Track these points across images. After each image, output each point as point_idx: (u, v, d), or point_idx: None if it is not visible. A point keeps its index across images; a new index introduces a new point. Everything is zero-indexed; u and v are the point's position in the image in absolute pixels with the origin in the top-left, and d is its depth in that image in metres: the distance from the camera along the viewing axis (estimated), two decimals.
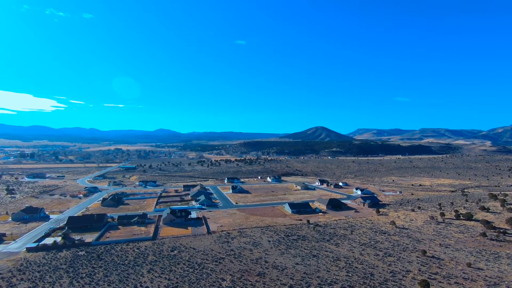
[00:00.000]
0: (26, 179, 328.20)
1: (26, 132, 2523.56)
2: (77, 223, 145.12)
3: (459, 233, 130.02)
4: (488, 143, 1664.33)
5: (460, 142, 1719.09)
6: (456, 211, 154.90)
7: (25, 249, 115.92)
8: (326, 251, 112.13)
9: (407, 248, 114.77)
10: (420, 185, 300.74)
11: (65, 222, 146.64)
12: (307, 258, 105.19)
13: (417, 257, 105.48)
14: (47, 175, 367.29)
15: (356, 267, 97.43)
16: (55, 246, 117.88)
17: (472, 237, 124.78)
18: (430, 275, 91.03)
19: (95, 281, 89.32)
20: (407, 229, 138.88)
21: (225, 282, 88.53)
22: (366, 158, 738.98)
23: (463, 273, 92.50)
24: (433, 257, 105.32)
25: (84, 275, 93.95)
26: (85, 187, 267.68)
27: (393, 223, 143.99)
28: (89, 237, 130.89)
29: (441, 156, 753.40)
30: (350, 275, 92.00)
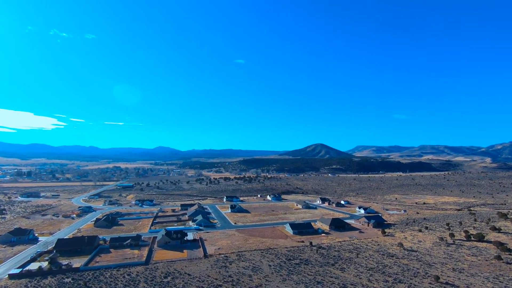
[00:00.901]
0: (20, 199, 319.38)
1: (25, 150, 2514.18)
2: (66, 246, 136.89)
3: (472, 256, 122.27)
4: (488, 159, 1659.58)
5: (460, 158, 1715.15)
6: (466, 231, 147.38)
7: (7, 276, 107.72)
8: (331, 277, 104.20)
9: (418, 273, 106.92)
10: (424, 203, 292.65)
11: (53, 245, 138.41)
12: (311, 286, 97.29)
13: (430, 283, 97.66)
14: (42, 194, 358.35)
15: None
16: (39, 272, 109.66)
17: (486, 260, 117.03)
18: None
19: None
20: (416, 251, 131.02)
21: None
22: (367, 175, 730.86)
23: None
24: (447, 283, 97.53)
25: None
26: (79, 207, 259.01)
27: (400, 245, 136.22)
28: (78, 262, 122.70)
29: (442, 173, 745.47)
30: None
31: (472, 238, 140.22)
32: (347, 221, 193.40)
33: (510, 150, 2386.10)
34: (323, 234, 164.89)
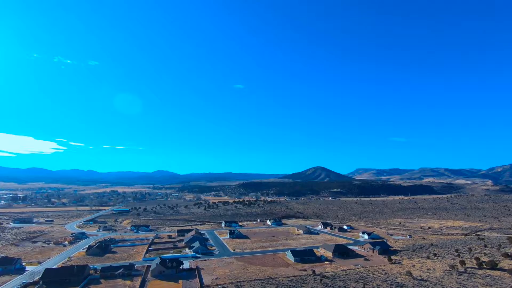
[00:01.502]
0: (12, 225, 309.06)
1: (23, 174, 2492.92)
2: (54, 277, 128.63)
3: (487, 285, 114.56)
4: (489, 182, 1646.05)
5: (461, 181, 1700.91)
6: (477, 258, 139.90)
7: None
8: None
9: None
10: (429, 227, 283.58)
11: (40, 276, 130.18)
12: None
13: None
14: (35, 219, 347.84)
15: None
16: None
17: None
18: None
19: None
20: (425, 280, 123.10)
21: None
22: (369, 198, 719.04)
23: None
24: None
25: None
26: (72, 233, 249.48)
27: (409, 273, 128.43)
28: None
29: (445, 196, 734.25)
30: None
31: (485, 266, 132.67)
32: (351, 247, 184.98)
33: (511, 172, 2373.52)
34: (326, 262, 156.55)
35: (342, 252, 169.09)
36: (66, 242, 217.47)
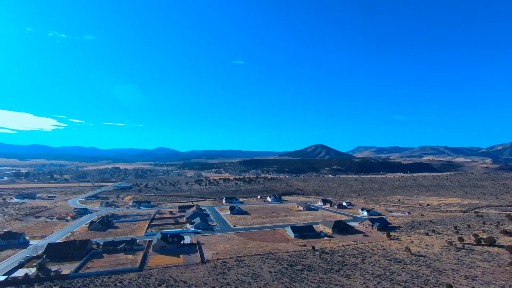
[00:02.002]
0: (15, 200, 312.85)
1: (25, 151, 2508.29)
2: (57, 251, 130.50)
3: (484, 261, 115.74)
4: (489, 160, 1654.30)
5: (461, 159, 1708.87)
6: (475, 235, 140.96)
7: None
8: (336, 285, 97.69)
9: (428, 280, 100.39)
10: (428, 204, 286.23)
11: (43, 250, 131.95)
12: None
13: None
14: (38, 195, 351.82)
15: None
16: (26, 279, 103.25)
17: (500, 266, 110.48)
18: None
19: None
20: (424, 256, 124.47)
21: None
22: (369, 176, 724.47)
23: None
24: None
25: None
26: (75, 209, 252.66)
27: (407, 249, 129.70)
28: (68, 267, 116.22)
29: (444, 174, 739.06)
30: None
31: (483, 242, 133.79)
32: (350, 223, 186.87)
33: (511, 151, 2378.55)
34: (325, 238, 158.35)
35: (341, 228, 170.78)
36: (69, 217, 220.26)
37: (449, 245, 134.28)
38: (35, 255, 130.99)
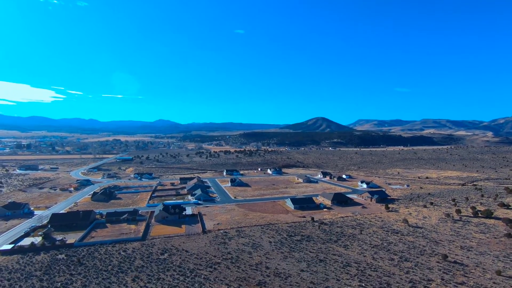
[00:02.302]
0: (18, 171, 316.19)
1: (25, 123, 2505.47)
2: (61, 221, 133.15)
3: (480, 233, 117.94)
4: (490, 134, 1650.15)
5: (462, 133, 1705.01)
6: (473, 207, 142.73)
7: None
8: (334, 255, 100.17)
9: (424, 251, 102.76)
10: (427, 177, 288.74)
11: (48, 220, 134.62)
12: (313, 264, 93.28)
13: (438, 262, 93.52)
14: (40, 166, 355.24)
15: (369, 275, 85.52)
16: (32, 248, 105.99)
17: (495, 238, 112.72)
18: (455, 286, 79.15)
19: None
20: (421, 228, 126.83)
21: None
22: (369, 149, 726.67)
23: (494, 283, 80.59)
24: (455, 262, 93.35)
25: (59, 284, 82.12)
26: (77, 180, 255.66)
27: (405, 221, 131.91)
28: (73, 237, 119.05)
29: (445, 147, 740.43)
30: (363, 285, 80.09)
31: (480, 215, 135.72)
32: (350, 196, 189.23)
33: None
34: (325, 210, 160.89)
35: (340, 200, 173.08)
36: (72, 189, 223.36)
37: (446, 217, 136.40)
38: (40, 224, 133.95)
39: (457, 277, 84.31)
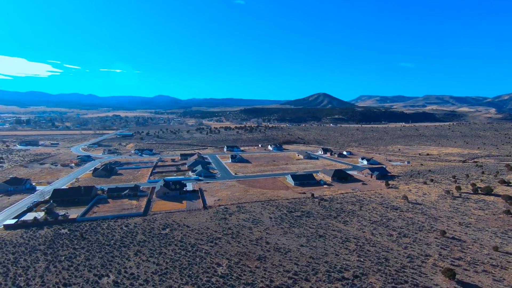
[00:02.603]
0: (18, 147, 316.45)
1: (23, 98, 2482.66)
2: (63, 196, 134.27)
3: (479, 210, 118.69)
4: (493, 110, 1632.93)
5: (465, 109, 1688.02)
6: (473, 184, 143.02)
7: (2, 226, 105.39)
8: (334, 231, 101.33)
9: (423, 227, 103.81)
10: (428, 154, 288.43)
11: (50, 195, 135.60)
12: (313, 239, 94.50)
13: (436, 238, 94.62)
14: (41, 142, 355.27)
15: (368, 250, 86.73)
16: (35, 223, 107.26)
17: (494, 214, 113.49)
18: (453, 261, 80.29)
19: (74, 266, 78.95)
20: (420, 204, 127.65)
21: (221, 268, 78.09)
22: (370, 125, 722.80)
23: (490, 258, 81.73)
24: (453, 238, 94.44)
25: (63, 258, 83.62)
26: (78, 156, 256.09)
27: (405, 197, 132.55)
28: (75, 212, 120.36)
29: (447, 123, 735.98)
30: (362, 260, 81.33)
31: (480, 192, 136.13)
32: (350, 172, 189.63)
33: None
34: (325, 186, 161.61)
35: (341, 176, 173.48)
36: (73, 164, 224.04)
37: (446, 194, 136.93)
38: (42, 200, 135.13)
39: (454, 252, 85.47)
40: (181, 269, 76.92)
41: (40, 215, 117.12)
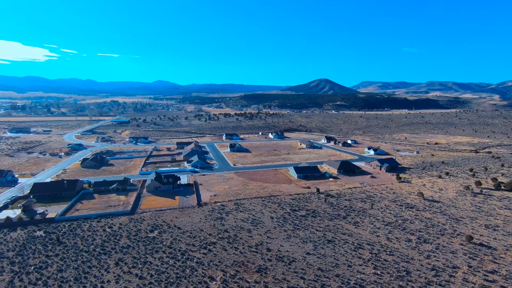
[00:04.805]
0: (8, 134, 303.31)
1: (21, 83, 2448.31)
2: (44, 191, 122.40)
3: (505, 209, 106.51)
4: (497, 97, 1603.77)
5: (468, 96, 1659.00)
6: (494, 179, 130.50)
7: None
8: (344, 234, 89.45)
9: (444, 230, 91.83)
10: (436, 143, 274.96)
11: (30, 190, 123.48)
12: (321, 245, 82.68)
13: (461, 244, 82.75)
14: (33, 129, 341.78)
15: (385, 260, 74.95)
16: (7, 223, 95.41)
17: None
18: (485, 275, 68.52)
19: (43, 280, 67.37)
20: (438, 202, 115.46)
21: (214, 283, 66.47)
22: (374, 112, 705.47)
23: None
24: (481, 244, 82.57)
25: (32, 268, 72.04)
26: (69, 144, 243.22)
27: (420, 194, 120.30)
28: (55, 209, 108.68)
29: (453, 110, 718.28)
30: (379, 273, 69.61)
31: (503, 187, 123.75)
32: (357, 163, 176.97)
33: None
34: (331, 179, 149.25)
35: (347, 169, 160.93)
36: (62, 154, 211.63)
37: (465, 190, 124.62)
38: (22, 195, 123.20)
39: (485, 263, 73.67)
40: (168, 284, 65.37)
41: (17, 213, 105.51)
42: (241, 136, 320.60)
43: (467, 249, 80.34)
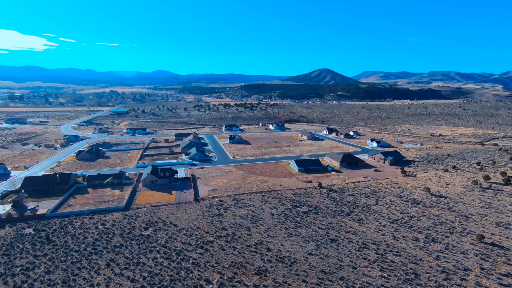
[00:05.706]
0: (4, 125, 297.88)
1: (19, 73, 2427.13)
2: (36, 185, 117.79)
3: None
4: (500, 87, 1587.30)
5: (471, 86, 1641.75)
6: (503, 173, 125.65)
7: None
8: (348, 232, 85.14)
9: (453, 228, 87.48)
10: (440, 135, 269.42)
11: (21, 184, 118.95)
12: (324, 244, 78.42)
13: (472, 244, 78.46)
14: (29, 120, 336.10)
15: (392, 261, 70.73)
16: None
17: None
18: (500, 278, 64.38)
19: (29, 283, 63.34)
20: (445, 197, 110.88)
21: (210, 286, 62.39)
22: (376, 103, 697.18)
23: None
24: (493, 244, 78.28)
25: (18, 270, 67.97)
26: (65, 135, 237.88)
27: (426, 189, 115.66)
28: (47, 205, 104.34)
29: (457, 101, 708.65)
30: (386, 275, 65.46)
31: None
32: (360, 156, 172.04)
33: None
34: (333, 173, 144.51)
35: (350, 162, 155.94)
36: (58, 145, 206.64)
37: (473, 185, 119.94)
38: (13, 189, 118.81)
39: (499, 265, 69.44)
40: None
41: (6, 208, 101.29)
42: (241, 127, 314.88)
43: (478, 249, 76.07)
